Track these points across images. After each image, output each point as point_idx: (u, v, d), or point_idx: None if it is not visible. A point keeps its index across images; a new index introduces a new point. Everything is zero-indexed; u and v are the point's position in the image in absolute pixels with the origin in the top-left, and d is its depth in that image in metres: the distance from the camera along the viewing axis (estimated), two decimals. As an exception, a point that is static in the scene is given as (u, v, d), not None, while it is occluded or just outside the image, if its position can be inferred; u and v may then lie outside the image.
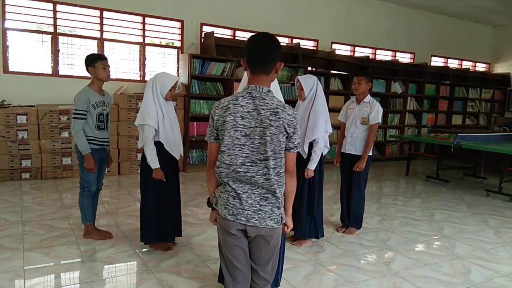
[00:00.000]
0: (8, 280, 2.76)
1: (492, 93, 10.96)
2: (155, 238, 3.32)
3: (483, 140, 6.77)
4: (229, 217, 1.81)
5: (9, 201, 4.59)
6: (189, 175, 6.38)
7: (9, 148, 5.42)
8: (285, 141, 1.77)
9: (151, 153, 3.12)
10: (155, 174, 3.14)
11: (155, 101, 3.12)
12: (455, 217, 4.83)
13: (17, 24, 5.86)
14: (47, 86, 6.04)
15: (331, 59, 8.15)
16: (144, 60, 6.81)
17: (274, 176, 1.76)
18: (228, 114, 1.74)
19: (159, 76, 3.18)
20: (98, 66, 3.29)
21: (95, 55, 3.44)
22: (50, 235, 3.59)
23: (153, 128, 3.09)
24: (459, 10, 9.75)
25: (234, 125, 1.73)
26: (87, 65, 3.32)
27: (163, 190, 3.25)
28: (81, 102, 3.24)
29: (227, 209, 1.81)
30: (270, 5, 7.79)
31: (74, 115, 3.25)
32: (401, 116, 9.29)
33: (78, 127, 3.24)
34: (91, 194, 3.48)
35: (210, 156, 1.87)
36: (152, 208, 3.26)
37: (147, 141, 3.10)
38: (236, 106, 1.74)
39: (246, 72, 1.86)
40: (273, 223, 1.82)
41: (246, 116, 1.73)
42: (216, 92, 6.90)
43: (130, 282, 2.89)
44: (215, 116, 1.78)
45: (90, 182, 3.43)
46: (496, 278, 3.19)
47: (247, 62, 1.79)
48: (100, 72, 3.31)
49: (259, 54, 1.75)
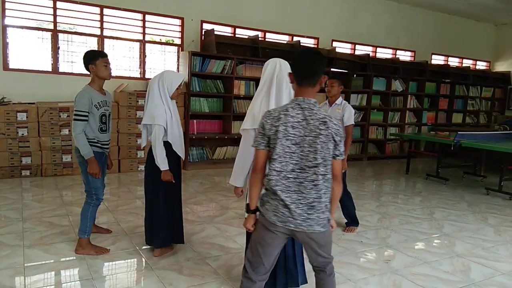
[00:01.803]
0: (9, 277, 2.76)
1: (492, 91, 10.96)
2: (167, 241, 3.24)
3: (483, 138, 6.76)
4: (279, 223, 1.92)
5: (9, 198, 4.59)
6: (189, 173, 6.39)
7: (9, 145, 5.42)
8: (332, 149, 1.92)
9: (161, 154, 3.00)
10: (165, 176, 3.03)
11: (162, 100, 3.02)
12: (455, 215, 4.84)
13: (17, 21, 5.85)
14: (47, 84, 6.03)
15: (332, 57, 8.13)
16: (144, 58, 6.80)
17: (323, 182, 1.89)
18: (280, 124, 1.87)
19: (166, 74, 3.07)
20: (99, 63, 3.06)
21: (96, 52, 3.23)
22: (50, 232, 3.59)
23: (163, 128, 2.99)
24: (460, 8, 9.74)
25: (285, 134, 1.87)
26: (87, 62, 3.08)
27: (172, 192, 3.19)
28: (83, 103, 2.99)
29: (277, 216, 1.92)
30: (271, 3, 7.78)
31: (75, 117, 2.99)
32: (401, 114, 9.29)
33: (79, 129, 3.00)
34: (99, 203, 3.25)
35: (257, 162, 1.96)
36: (165, 211, 3.16)
37: (157, 142, 2.98)
38: (287, 116, 1.88)
39: (292, 84, 2.01)
40: (320, 228, 1.94)
41: (296, 126, 1.87)
42: (216, 89, 6.89)
43: (130, 279, 2.89)
44: (266, 125, 1.90)
45: (98, 189, 3.19)
46: (496, 276, 3.20)
47: (295, 76, 1.94)
48: (101, 70, 3.08)
49: (307, 69, 1.91)
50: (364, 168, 7.95)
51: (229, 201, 4.92)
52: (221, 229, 3.94)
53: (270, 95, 2.43)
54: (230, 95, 6.88)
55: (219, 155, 7.11)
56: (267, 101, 2.43)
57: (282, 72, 2.46)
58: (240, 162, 2.51)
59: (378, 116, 8.96)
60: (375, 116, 8.89)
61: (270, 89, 2.45)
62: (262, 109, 2.39)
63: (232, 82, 6.85)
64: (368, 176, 7.27)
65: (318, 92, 2.06)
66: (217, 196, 5.14)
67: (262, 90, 2.49)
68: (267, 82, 2.49)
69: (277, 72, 2.46)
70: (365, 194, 5.75)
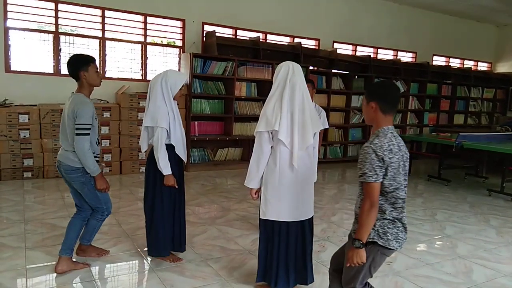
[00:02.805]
0: (10, 279, 2.77)
1: (494, 92, 10.94)
2: (171, 249, 3.13)
3: (485, 139, 6.75)
4: (398, 248, 2.05)
5: (11, 200, 4.60)
6: (191, 175, 6.39)
7: (11, 147, 5.43)
8: None
9: (164, 158, 2.87)
10: (168, 181, 2.91)
11: (165, 101, 2.89)
12: (457, 217, 4.83)
13: (19, 23, 5.87)
14: (48, 85, 6.04)
15: (333, 58, 8.13)
16: (146, 59, 6.82)
17: None
18: (393, 155, 1.96)
19: (169, 74, 2.93)
20: (91, 69, 2.77)
21: (87, 56, 2.85)
22: (52, 234, 3.60)
23: (166, 131, 2.87)
24: (462, 9, 9.73)
25: (399, 164, 1.97)
26: (78, 68, 2.75)
27: (177, 197, 3.07)
28: (88, 115, 2.69)
29: (399, 242, 2.03)
30: (272, 4, 7.79)
31: (81, 131, 2.67)
32: (402, 116, 9.28)
33: (88, 145, 2.69)
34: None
35: (377, 195, 1.95)
36: (169, 217, 3.03)
37: (160, 145, 2.85)
38: (394, 146, 1.98)
39: (373, 110, 2.03)
40: None
41: (398, 153, 1.98)
42: (217, 91, 6.90)
43: (132, 281, 2.89)
44: (385, 158, 1.94)
45: (108, 201, 2.97)
46: (498, 278, 3.19)
47: (384, 105, 2.00)
48: (94, 77, 2.79)
49: (398, 100, 2.13)
50: (365, 170, 7.92)
51: (231, 203, 4.92)
52: (222, 230, 3.94)
53: (283, 99, 2.48)
54: (232, 96, 6.88)
55: (220, 156, 7.12)
56: (280, 104, 2.47)
57: (295, 76, 2.51)
58: (255, 163, 2.56)
59: (379, 117, 8.93)
60: (377, 117, 8.86)
61: (283, 92, 2.49)
62: (275, 112, 2.46)
63: (234, 83, 6.85)
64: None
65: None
66: (219, 198, 5.14)
67: (275, 94, 2.53)
68: (280, 85, 2.52)
69: (290, 76, 2.51)
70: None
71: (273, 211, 2.55)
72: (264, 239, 2.63)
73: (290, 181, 2.52)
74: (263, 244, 2.64)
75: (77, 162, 2.75)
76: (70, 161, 2.76)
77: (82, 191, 2.85)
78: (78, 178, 2.80)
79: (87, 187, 2.82)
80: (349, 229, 4.02)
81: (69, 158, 2.77)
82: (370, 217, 1.94)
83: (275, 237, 2.58)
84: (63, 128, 2.83)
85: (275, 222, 2.57)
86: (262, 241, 2.64)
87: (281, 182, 2.52)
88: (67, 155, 2.78)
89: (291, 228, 2.59)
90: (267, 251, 2.63)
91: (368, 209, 1.93)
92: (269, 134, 2.50)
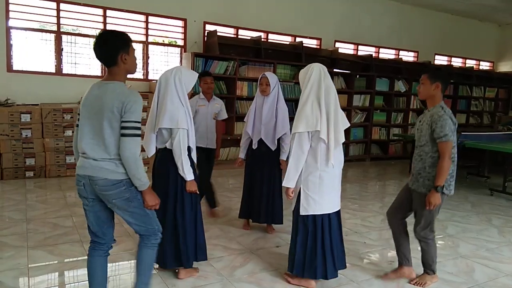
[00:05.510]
0: (13, 278, 2.77)
1: (496, 91, 10.91)
2: (194, 259, 2.89)
3: (487, 139, 6.73)
4: (451, 194, 2.79)
5: (13, 199, 4.61)
6: (192, 174, 6.38)
7: (13, 146, 5.44)
8: None
9: (188, 163, 2.67)
10: (191, 187, 2.71)
11: (181, 101, 2.69)
12: (459, 216, 4.82)
13: (21, 23, 5.89)
14: (50, 85, 6.06)
15: (334, 57, 8.13)
16: (147, 59, 6.83)
17: None
18: (455, 121, 2.76)
19: (184, 72, 2.74)
20: (132, 52, 2.13)
21: (125, 35, 2.13)
22: (54, 233, 3.61)
23: (186, 132, 2.68)
24: (463, 8, 9.71)
25: (455, 128, 2.70)
26: (118, 49, 2.05)
27: (196, 203, 2.85)
28: (140, 111, 2.10)
29: (452, 190, 2.78)
30: (273, 4, 7.79)
31: (131, 131, 2.02)
32: (404, 115, 9.26)
33: (139, 149, 2.07)
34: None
35: (451, 151, 2.67)
36: (193, 226, 2.83)
37: (183, 149, 2.64)
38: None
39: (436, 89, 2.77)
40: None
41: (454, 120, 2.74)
42: (219, 91, 6.90)
43: (134, 280, 2.89)
44: (455, 122, 2.71)
45: (158, 222, 2.30)
46: (500, 277, 3.18)
47: (445, 87, 2.78)
48: (134, 61, 2.16)
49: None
50: (367, 169, 7.94)
51: (232, 202, 4.92)
52: (224, 230, 3.94)
53: (320, 99, 2.62)
54: (233, 96, 6.88)
55: (222, 156, 7.12)
56: (317, 105, 2.62)
57: (327, 78, 2.69)
58: (294, 163, 2.66)
59: (381, 117, 8.93)
60: (378, 116, 8.87)
61: (319, 94, 2.64)
62: (314, 113, 2.60)
63: (235, 83, 6.85)
64: (371, 176, 7.26)
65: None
66: (220, 197, 5.13)
67: (311, 95, 2.65)
68: (314, 87, 2.66)
69: (323, 78, 2.66)
70: (368, 195, 5.75)
71: (316, 206, 2.67)
72: (304, 234, 2.72)
73: (329, 176, 2.68)
74: (302, 239, 2.72)
75: (119, 173, 2.06)
76: (108, 173, 2.04)
77: (126, 211, 2.14)
78: (121, 194, 2.08)
79: (133, 203, 2.12)
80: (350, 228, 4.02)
81: (106, 170, 2.04)
82: (448, 167, 2.60)
83: (317, 231, 2.69)
84: (90, 128, 2.07)
85: (317, 216, 2.69)
86: (301, 236, 2.72)
87: (322, 178, 2.66)
88: (103, 166, 2.04)
89: (333, 220, 2.75)
90: (307, 246, 2.71)
91: (448, 161, 2.59)
92: (308, 134, 2.62)
